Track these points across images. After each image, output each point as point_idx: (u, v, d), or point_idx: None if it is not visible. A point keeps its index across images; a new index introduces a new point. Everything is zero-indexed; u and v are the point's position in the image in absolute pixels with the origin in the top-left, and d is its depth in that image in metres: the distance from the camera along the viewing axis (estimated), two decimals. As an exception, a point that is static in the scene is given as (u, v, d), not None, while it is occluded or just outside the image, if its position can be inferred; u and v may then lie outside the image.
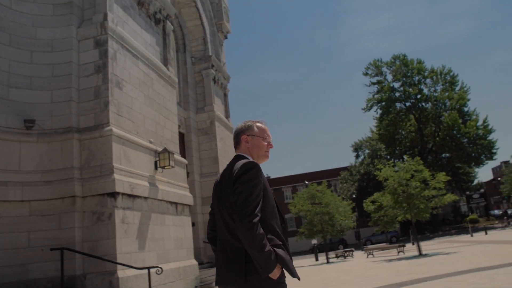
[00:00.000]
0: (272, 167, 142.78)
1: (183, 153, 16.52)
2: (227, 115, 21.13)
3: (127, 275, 9.11)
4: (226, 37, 22.78)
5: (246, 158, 2.51)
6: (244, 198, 2.24)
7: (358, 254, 27.36)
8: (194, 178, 17.53)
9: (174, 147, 13.38)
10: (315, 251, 28.28)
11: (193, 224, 16.01)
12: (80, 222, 9.22)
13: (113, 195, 9.34)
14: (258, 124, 2.66)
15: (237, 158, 2.53)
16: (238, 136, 2.63)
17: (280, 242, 2.35)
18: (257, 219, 2.21)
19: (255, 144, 2.60)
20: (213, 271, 15.53)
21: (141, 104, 11.61)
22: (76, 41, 10.38)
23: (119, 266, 8.98)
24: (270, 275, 2.21)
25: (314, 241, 27.58)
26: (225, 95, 21.50)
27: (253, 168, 2.35)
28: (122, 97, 10.60)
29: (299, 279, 2.43)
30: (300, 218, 37.22)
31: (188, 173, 16.98)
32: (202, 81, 19.12)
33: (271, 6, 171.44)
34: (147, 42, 12.71)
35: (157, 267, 9.59)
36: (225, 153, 19.54)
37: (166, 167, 11.72)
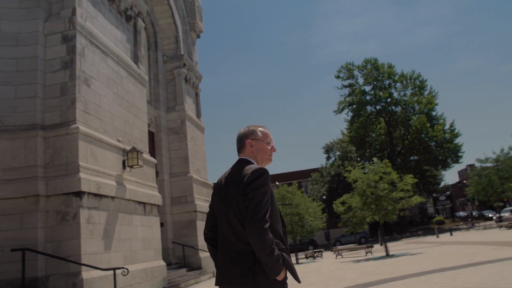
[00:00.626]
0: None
1: (152, 153, 16.30)
2: (198, 115, 20.98)
3: (91, 276, 8.91)
4: (199, 36, 22.63)
5: (250, 162, 2.58)
6: (255, 204, 2.30)
7: (327, 255, 27.63)
8: (164, 178, 17.33)
9: (143, 146, 13.19)
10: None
11: (162, 225, 15.82)
12: (43, 222, 8.96)
13: (79, 194, 9.12)
14: (260, 128, 2.71)
15: (242, 161, 2.59)
16: (242, 140, 2.67)
17: (284, 246, 2.43)
18: (267, 224, 2.29)
19: (260, 148, 2.65)
20: (181, 272, 15.43)
21: (110, 102, 11.39)
22: (42, 35, 10.09)
23: (83, 267, 8.78)
24: (277, 278, 2.30)
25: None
26: (197, 94, 21.34)
27: (264, 175, 2.41)
28: (90, 95, 10.38)
29: (300, 282, 2.50)
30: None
31: (157, 173, 16.76)
32: (173, 80, 18.92)
33: (245, 7, 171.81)
34: (117, 39, 12.49)
35: (123, 268, 9.41)
36: (196, 153, 19.40)
37: (134, 167, 11.54)
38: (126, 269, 9.38)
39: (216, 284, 2.50)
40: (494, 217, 41.78)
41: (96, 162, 10.10)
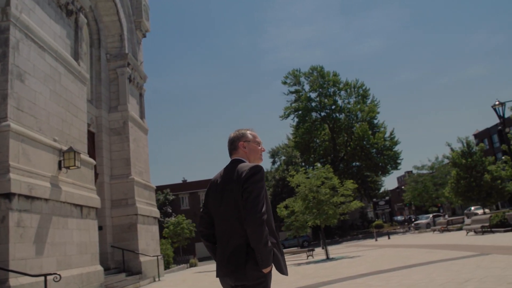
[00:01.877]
0: (189, 171, 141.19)
1: (92, 154, 15.72)
2: (142, 116, 20.49)
3: (20, 283, 8.42)
4: (145, 36, 22.15)
5: (244, 161, 2.77)
6: (254, 197, 2.47)
7: (270, 259, 27.76)
8: (104, 180, 16.75)
9: (82, 146, 12.69)
10: (228, 255, 28.27)
11: (100, 228, 15.28)
12: (-33, 225, 8.37)
13: (8, 196, 8.61)
14: (249, 131, 2.95)
15: (237, 161, 2.77)
16: (235, 142, 2.87)
17: (275, 241, 2.59)
18: (265, 216, 2.46)
19: (252, 149, 2.87)
20: (120, 276, 14.98)
21: (46, 100, 10.86)
22: (-28, 26, 9.47)
23: (11, 274, 8.28)
24: (264, 269, 2.46)
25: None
26: (141, 95, 20.85)
27: (261, 171, 2.60)
28: (24, 91, 9.84)
29: (287, 275, 2.67)
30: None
31: (97, 175, 16.19)
32: (116, 79, 18.36)
33: (195, 9, 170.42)
34: (56, 34, 11.96)
35: (55, 274, 8.95)
36: (138, 155, 18.92)
37: (71, 167, 11.07)
38: (59, 275, 8.93)
39: (217, 276, 2.71)
40: (413, 224, 44.14)
41: (29, 162, 9.59)
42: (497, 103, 17.20)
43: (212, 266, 28.45)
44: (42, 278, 8.73)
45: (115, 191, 17.20)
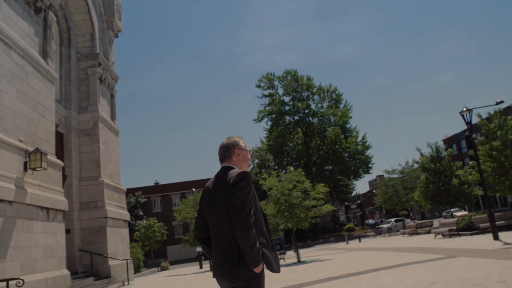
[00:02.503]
0: (162, 173, 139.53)
1: (61, 155, 15.36)
2: (113, 117, 20.15)
3: (-20, 288, 8.12)
4: (117, 36, 21.81)
5: (234, 168, 2.90)
6: (241, 202, 2.61)
7: (242, 262, 27.71)
8: (73, 182, 16.37)
9: (49, 147, 12.37)
10: (199, 258, 28.11)
11: (68, 231, 14.93)
12: None
13: (-31, 198, 8.29)
14: (241, 140, 3.08)
15: (227, 168, 2.91)
16: (230, 149, 2.99)
17: (265, 241, 2.73)
18: (252, 220, 2.59)
19: (244, 157, 3.02)
20: (87, 281, 14.66)
21: (12, 99, 10.54)
22: None
23: (-29, 279, 7.98)
24: (255, 269, 2.58)
25: (199, 249, 27.39)
26: (112, 96, 20.50)
27: (247, 177, 2.74)
28: (-12, 89, 9.52)
29: (279, 272, 2.83)
30: (189, 226, 36.82)
31: (65, 176, 15.83)
32: (87, 79, 17.99)
33: (170, 11, 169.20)
34: (24, 31, 11.64)
35: (18, 279, 8.67)
36: (108, 156, 18.58)
37: (37, 169, 10.77)
38: (22, 280, 8.66)
39: (213, 277, 2.83)
40: (376, 228, 45.07)
41: (-8, 163, 9.27)
42: (464, 109, 17.63)
43: (183, 269, 28.23)
44: (4, 283, 8.45)
45: (84, 194, 16.83)
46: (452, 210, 42.83)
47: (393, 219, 44.67)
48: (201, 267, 26.69)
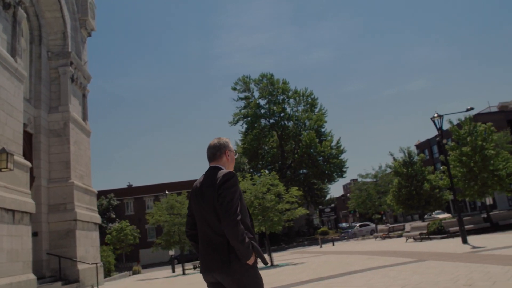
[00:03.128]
0: (135, 176, 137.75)
1: (29, 156, 14.94)
2: (84, 118, 19.73)
3: None
4: (90, 35, 21.41)
5: (222, 168, 3.02)
6: (228, 201, 2.74)
7: (216, 265, 27.51)
8: (41, 184, 15.93)
9: (17, 147, 12.00)
10: (172, 262, 27.79)
11: (35, 234, 14.52)
12: None
13: None
14: (229, 142, 3.22)
15: (215, 168, 3.02)
16: (222, 150, 3.11)
17: (252, 236, 2.87)
18: (239, 217, 2.73)
19: (232, 158, 3.16)
20: (55, 285, 14.29)
21: (-23, 97, 10.18)
22: None
23: None
24: (248, 262, 2.72)
25: (171, 252, 27.08)
26: (84, 96, 20.08)
27: (234, 177, 2.87)
28: (-49, 86, 9.16)
29: (267, 264, 3.03)
30: (162, 229, 36.43)
31: (33, 178, 15.39)
32: (58, 79, 17.57)
33: (146, 11, 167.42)
34: (-9, 27, 11.28)
35: (-20, 283, 8.35)
36: (79, 157, 18.17)
37: (3, 170, 10.43)
38: (-17, 284, 8.33)
39: (200, 272, 2.94)
40: (344, 232, 45.57)
41: (-46, 163, 8.91)
42: (436, 115, 17.96)
43: (155, 273, 27.85)
44: (-36, 288, 8.11)
45: (53, 195, 16.40)
46: (434, 212, 43.66)
47: (357, 224, 45.34)
48: (173, 271, 26.37)
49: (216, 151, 3.10)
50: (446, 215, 38.01)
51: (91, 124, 20.40)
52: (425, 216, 40.23)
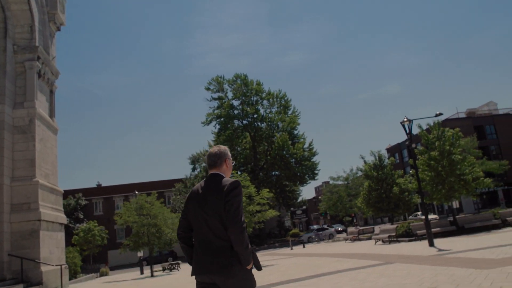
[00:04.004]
0: (104, 175, 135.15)
1: (-9, 152, 14.37)
2: (52, 114, 19.16)
3: None
4: (59, 29, 20.83)
5: (223, 176, 3.13)
6: (235, 209, 2.88)
7: (185, 267, 27.20)
8: (4, 182, 15.34)
9: (-23, 144, 11.49)
10: (141, 264, 27.32)
11: (-4, 234, 13.98)
12: None
13: None
14: (228, 150, 3.35)
15: (217, 175, 3.12)
16: (223, 158, 3.23)
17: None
18: (245, 224, 2.90)
19: (230, 166, 3.30)
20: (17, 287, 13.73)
21: None
22: None
23: None
24: (247, 267, 2.89)
25: (140, 254, 26.58)
26: (52, 92, 19.49)
27: (239, 186, 3.00)
28: None
29: (260, 270, 3.14)
30: (131, 230, 35.81)
31: (-5, 176, 14.82)
32: (24, 73, 16.98)
33: (120, 6, 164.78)
34: (-49, 18, 10.78)
35: None
36: (45, 156, 17.62)
37: (-40, 167, 9.94)
38: None
39: (194, 274, 3.02)
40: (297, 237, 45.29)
41: None
42: (405, 120, 18.23)
43: (123, 275, 27.33)
44: None
45: (16, 194, 15.83)
46: (419, 213, 44.23)
47: (315, 227, 45.55)
48: (142, 273, 25.92)
49: (217, 159, 3.22)
50: (433, 216, 38.61)
51: (60, 122, 19.84)
52: (410, 217, 40.85)
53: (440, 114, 21.08)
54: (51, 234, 17.14)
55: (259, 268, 3.12)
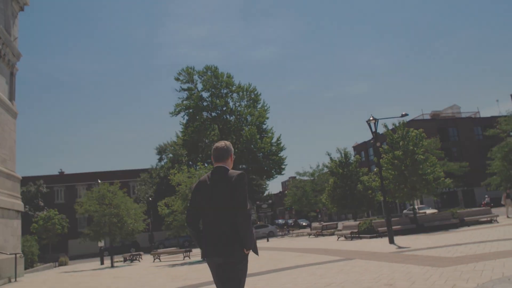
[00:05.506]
0: (67, 162, 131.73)
1: None
2: (11, 97, 18.44)
3: None
4: (22, 9, 20.02)
5: (228, 168, 3.49)
6: (243, 197, 3.27)
7: (147, 258, 26.88)
8: (-44, 166, 14.69)
9: None
10: (101, 254, 26.79)
11: None
12: None
13: None
14: (231, 145, 3.70)
15: (224, 168, 3.48)
16: (229, 152, 3.60)
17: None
18: (250, 212, 3.28)
19: (232, 160, 3.65)
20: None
21: None
22: None
23: None
24: (246, 251, 3.23)
25: (101, 244, 26.04)
26: (12, 74, 18.74)
27: (245, 177, 3.37)
28: None
29: (258, 255, 3.55)
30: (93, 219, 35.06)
31: None
32: (-18, 53, 16.28)
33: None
34: None
35: None
36: (2, 140, 16.95)
37: None
38: None
39: (205, 256, 3.36)
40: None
41: None
42: (371, 118, 18.45)
43: (83, 265, 26.78)
44: None
45: (-31, 179, 15.19)
46: (417, 207, 44.85)
47: (280, 221, 45.32)
48: (102, 263, 25.44)
49: (224, 153, 3.57)
50: (432, 210, 39.09)
51: (21, 106, 19.19)
52: (404, 211, 41.38)
53: (406, 114, 21.46)
54: (7, 222, 16.54)
55: (256, 252, 3.47)
